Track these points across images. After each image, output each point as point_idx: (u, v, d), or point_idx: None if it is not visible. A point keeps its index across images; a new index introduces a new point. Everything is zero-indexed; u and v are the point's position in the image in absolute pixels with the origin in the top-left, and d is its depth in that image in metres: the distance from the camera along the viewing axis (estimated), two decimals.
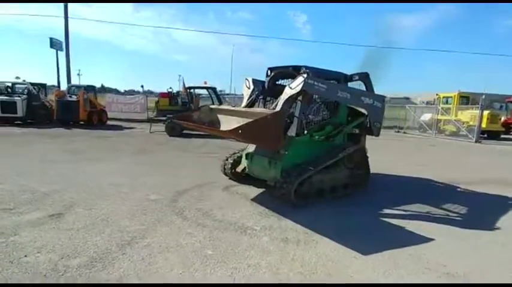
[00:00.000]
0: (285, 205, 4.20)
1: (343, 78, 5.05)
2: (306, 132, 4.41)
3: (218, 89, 14.15)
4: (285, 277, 2.53)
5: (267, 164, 4.64)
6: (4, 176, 5.10)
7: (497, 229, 3.82)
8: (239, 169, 5.35)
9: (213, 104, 11.21)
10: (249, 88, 5.07)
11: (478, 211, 4.50)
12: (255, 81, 5.09)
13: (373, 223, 3.86)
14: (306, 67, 4.48)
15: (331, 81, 4.71)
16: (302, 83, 4.01)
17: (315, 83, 4.13)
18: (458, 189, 5.69)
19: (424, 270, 2.74)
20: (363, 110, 4.92)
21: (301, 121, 4.30)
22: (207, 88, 13.20)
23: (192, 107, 11.89)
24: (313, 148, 4.69)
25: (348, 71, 5.15)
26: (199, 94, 15.23)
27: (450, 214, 4.30)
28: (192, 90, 13.49)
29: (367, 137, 5.33)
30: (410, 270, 2.73)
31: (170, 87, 13.47)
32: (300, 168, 4.32)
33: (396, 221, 3.91)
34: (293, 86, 4.11)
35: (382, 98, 5.10)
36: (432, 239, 3.36)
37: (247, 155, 5.16)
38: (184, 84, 13.17)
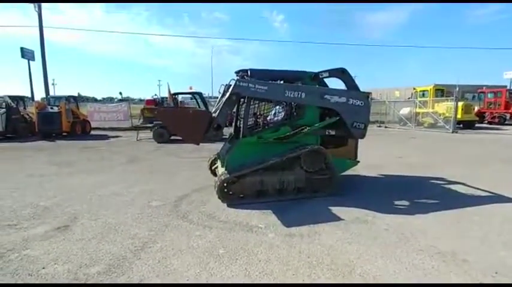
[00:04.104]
0: (284, 203, 4.42)
1: (308, 77, 4.84)
2: (252, 134, 4.61)
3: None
4: (294, 267, 2.73)
5: (221, 163, 4.98)
6: (0, 193, 5.06)
7: (474, 213, 4.17)
8: (214, 167, 5.72)
9: None
10: (219, 93, 5.26)
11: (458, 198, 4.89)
12: (227, 86, 5.20)
13: (360, 214, 4.14)
14: (252, 70, 4.65)
15: (283, 82, 4.75)
16: (233, 86, 4.29)
17: (250, 85, 4.27)
18: (438, 181, 6.08)
19: (419, 251, 3.02)
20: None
21: (246, 123, 4.61)
22: (192, 93, 13.29)
23: None
24: (263, 149, 4.57)
25: (329, 65, 5.19)
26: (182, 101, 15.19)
27: (432, 202, 4.65)
28: (177, 96, 13.53)
29: None
30: (406, 252, 3.00)
31: (155, 94, 13.51)
32: (237, 168, 4.43)
33: (384, 214, 4.21)
34: (229, 90, 4.37)
35: (364, 96, 4.82)
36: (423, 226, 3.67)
37: (218, 154, 5.59)
38: (169, 91, 13.18)
